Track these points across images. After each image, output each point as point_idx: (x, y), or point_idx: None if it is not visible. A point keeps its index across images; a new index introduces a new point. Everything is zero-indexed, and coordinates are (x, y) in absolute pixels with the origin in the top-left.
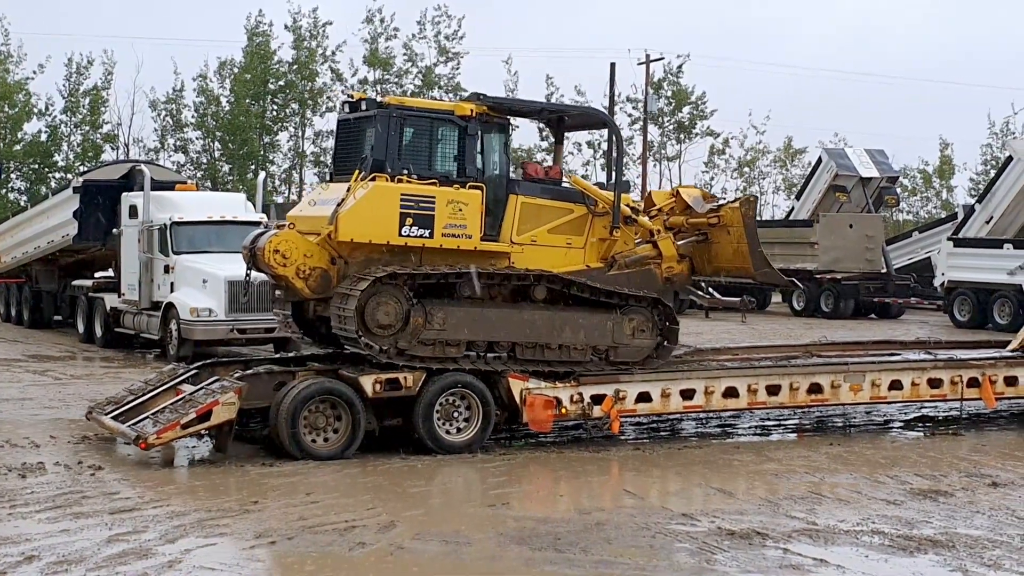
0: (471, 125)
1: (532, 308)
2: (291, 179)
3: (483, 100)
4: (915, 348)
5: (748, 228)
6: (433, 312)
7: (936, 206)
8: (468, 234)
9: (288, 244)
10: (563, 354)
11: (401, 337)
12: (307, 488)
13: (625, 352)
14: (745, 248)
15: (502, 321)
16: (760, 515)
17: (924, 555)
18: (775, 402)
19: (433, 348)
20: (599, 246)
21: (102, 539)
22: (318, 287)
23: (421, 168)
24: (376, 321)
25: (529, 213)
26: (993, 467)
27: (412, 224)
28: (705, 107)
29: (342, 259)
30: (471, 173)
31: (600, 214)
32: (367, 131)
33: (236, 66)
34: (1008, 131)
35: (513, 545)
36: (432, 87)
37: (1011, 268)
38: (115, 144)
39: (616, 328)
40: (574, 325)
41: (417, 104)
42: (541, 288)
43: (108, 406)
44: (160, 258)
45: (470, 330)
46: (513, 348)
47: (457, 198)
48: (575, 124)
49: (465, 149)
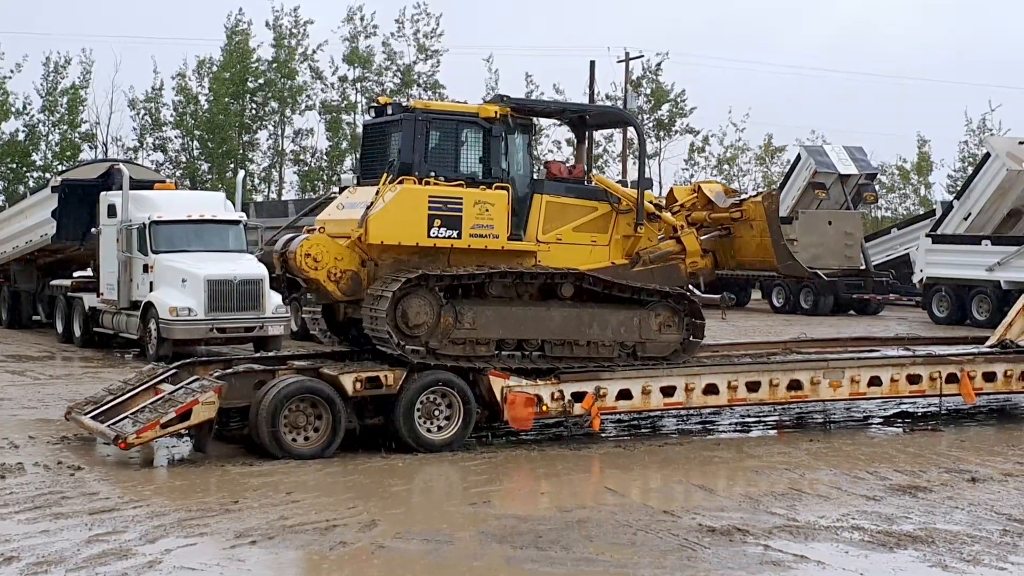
0: (496, 127)
1: (560, 306)
2: (270, 178)
3: (507, 102)
4: (894, 344)
5: (771, 222)
6: (463, 312)
7: (914, 203)
8: (495, 234)
9: (319, 248)
10: (591, 351)
11: (432, 337)
12: (287, 487)
13: (652, 347)
14: (768, 241)
15: (531, 319)
16: (741, 511)
17: (904, 551)
18: (755, 399)
19: (464, 347)
20: (623, 243)
21: (82, 539)
22: (349, 289)
23: (447, 170)
24: (408, 321)
25: (554, 212)
26: (972, 462)
27: (440, 225)
28: (684, 105)
29: (372, 261)
30: (497, 174)
31: (624, 211)
32: (393, 135)
33: (215, 65)
34: (985, 128)
35: (494, 543)
36: (411, 85)
37: (989, 264)
38: (93, 143)
39: (643, 324)
40: (602, 322)
41: (443, 107)
42: (568, 286)
43: (87, 406)
44: (139, 257)
45: (500, 329)
46: (542, 345)
47: (484, 199)
48: (597, 123)
49: (490, 150)
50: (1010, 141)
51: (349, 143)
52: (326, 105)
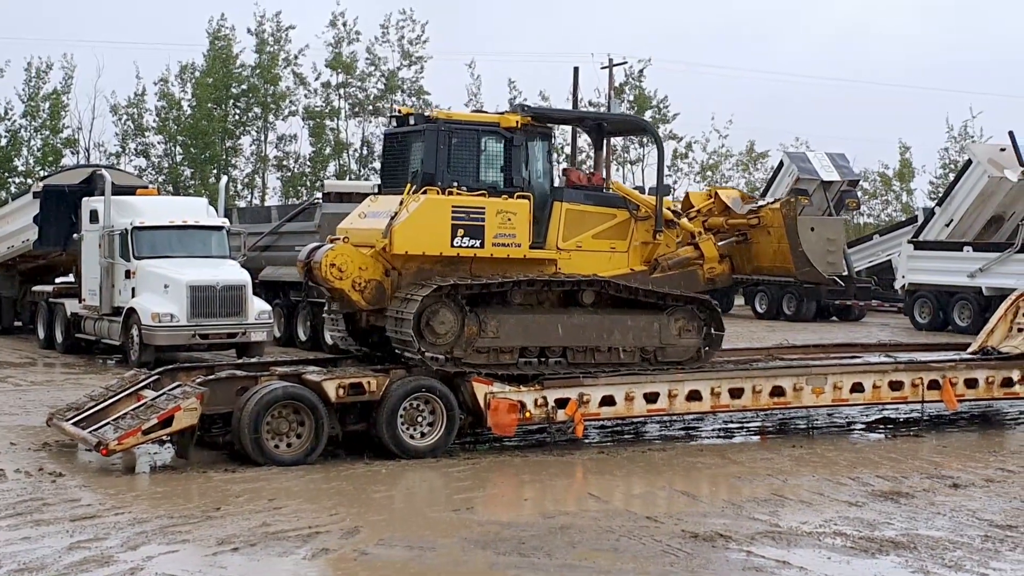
0: (516, 136)
1: (582, 313)
2: (253, 183)
3: (527, 111)
4: (876, 351)
5: (789, 228)
6: (487, 320)
7: (896, 209)
8: (517, 243)
9: (344, 258)
10: (612, 356)
11: (457, 346)
12: (270, 494)
13: (672, 352)
14: (786, 247)
15: (553, 327)
16: (723, 517)
17: (886, 556)
18: (738, 405)
19: (487, 355)
20: (642, 249)
21: (63, 546)
22: (373, 298)
23: (469, 180)
24: (432, 330)
25: (574, 219)
26: (954, 469)
27: (464, 235)
28: (667, 111)
29: (395, 270)
30: (518, 183)
31: (642, 218)
32: (413, 145)
33: (198, 70)
34: (966, 135)
35: (477, 549)
36: (395, 91)
37: (971, 271)
38: (76, 149)
39: (663, 329)
40: (623, 328)
41: (464, 117)
42: (590, 292)
43: (69, 412)
44: (121, 263)
45: (523, 337)
46: (564, 352)
47: (506, 208)
48: (615, 131)
49: (511, 159)
50: (991, 148)
51: (332, 149)
52: (309, 111)
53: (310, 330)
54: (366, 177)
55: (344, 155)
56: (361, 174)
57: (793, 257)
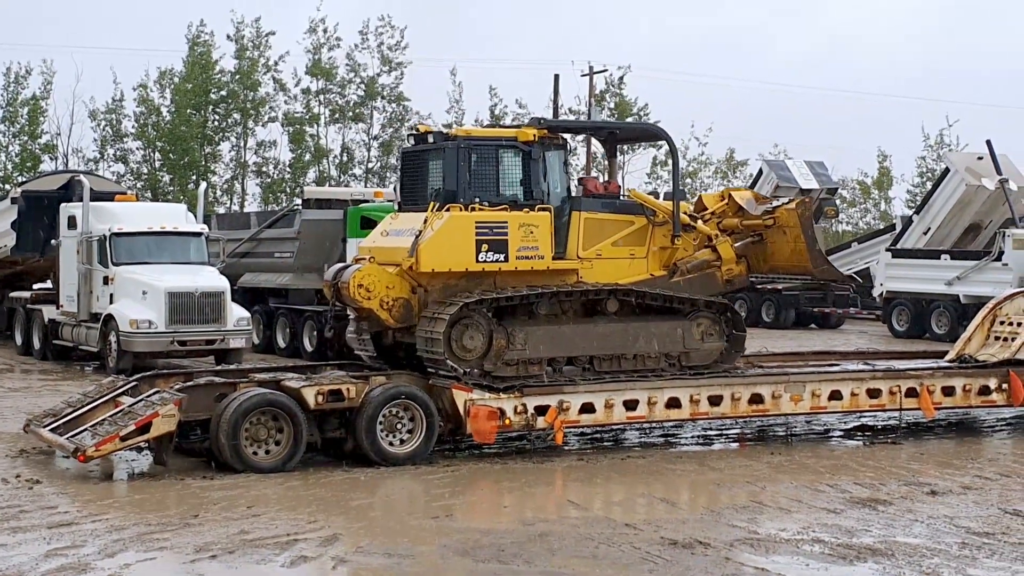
0: (534, 149)
1: (607, 321)
2: (233, 190)
3: (544, 124)
4: (854, 359)
5: (805, 228)
6: (515, 332)
7: (875, 217)
8: (540, 255)
9: (371, 278)
10: (638, 363)
11: (487, 360)
12: (248, 501)
13: (696, 356)
14: (803, 247)
15: (580, 336)
16: (702, 524)
17: (864, 563)
18: (717, 412)
19: (516, 368)
20: (660, 254)
21: (40, 554)
22: (401, 317)
23: (490, 195)
24: (463, 346)
25: (592, 228)
26: (931, 476)
27: (488, 250)
28: (648, 118)
29: (422, 288)
30: (537, 195)
31: (659, 224)
32: (431, 162)
33: (177, 76)
34: (944, 143)
35: (456, 557)
36: (375, 97)
37: (948, 279)
38: (54, 154)
39: (686, 334)
40: (647, 334)
41: (483, 133)
42: (614, 301)
43: (46, 418)
44: (99, 269)
45: (550, 347)
46: (591, 361)
47: (528, 221)
48: (629, 138)
49: (530, 173)
50: (969, 156)
51: (312, 155)
52: (289, 117)
53: (289, 337)
54: (346, 183)
55: (324, 161)
56: (341, 180)
57: (811, 256)
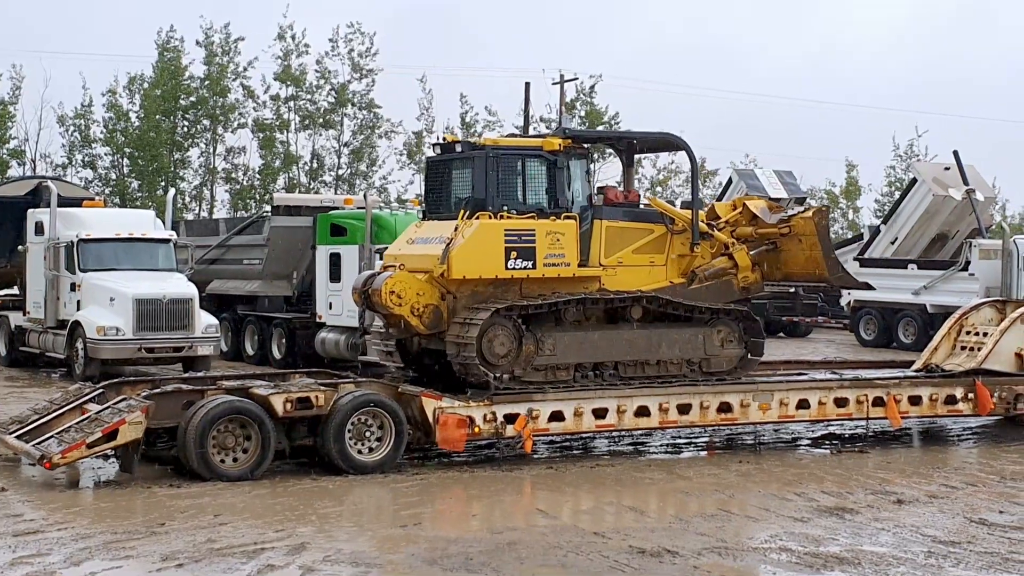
0: (560, 158)
1: (631, 328)
2: (201, 196)
3: (569, 133)
4: (822, 368)
5: (821, 236)
6: (543, 338)
7: (843, 227)
8: (567, 262)
9: (402, 285)
10: (661, 369)
11: (516, 365)
12: (215, 509)
13: (716, 362)
14: (819, 254)
15: (606, 342)
16: (670, 533)
17: (830, 572)
18: (686, 421)
19: (544, 373)
20: (679, 262)
21: (5, 562)
22: (431, 323)
23: (517, 203)
24: (493, 352)
25: (614, 236)
26: (898, 484)
27: (516, 257)
28: (618, 127)
29: (451, 294)
30: (562, 204)
31: (678, 232)
32: (456, 171)
33: (146, 81)
34: (912, 153)
35: (425, 565)
36: (346, 104)
37: (915, 288)
38: (22, 160)
39: (707, 340)
40: (669, 341)
41: (510, 143)
42: (637, 308)
43: (12, 425)
44: (66, 276)
45: (577, 353)
46: (615, 366)
47: (555, 229)
48: (648, 147)
49: (555, 181)
50: (936, 167)
51: (282, 161)
52: (259, 123)
53: (257, 344)
54: (316, 190)
55: (294, 168)
56: (311, 187)
57: (827, 263)
